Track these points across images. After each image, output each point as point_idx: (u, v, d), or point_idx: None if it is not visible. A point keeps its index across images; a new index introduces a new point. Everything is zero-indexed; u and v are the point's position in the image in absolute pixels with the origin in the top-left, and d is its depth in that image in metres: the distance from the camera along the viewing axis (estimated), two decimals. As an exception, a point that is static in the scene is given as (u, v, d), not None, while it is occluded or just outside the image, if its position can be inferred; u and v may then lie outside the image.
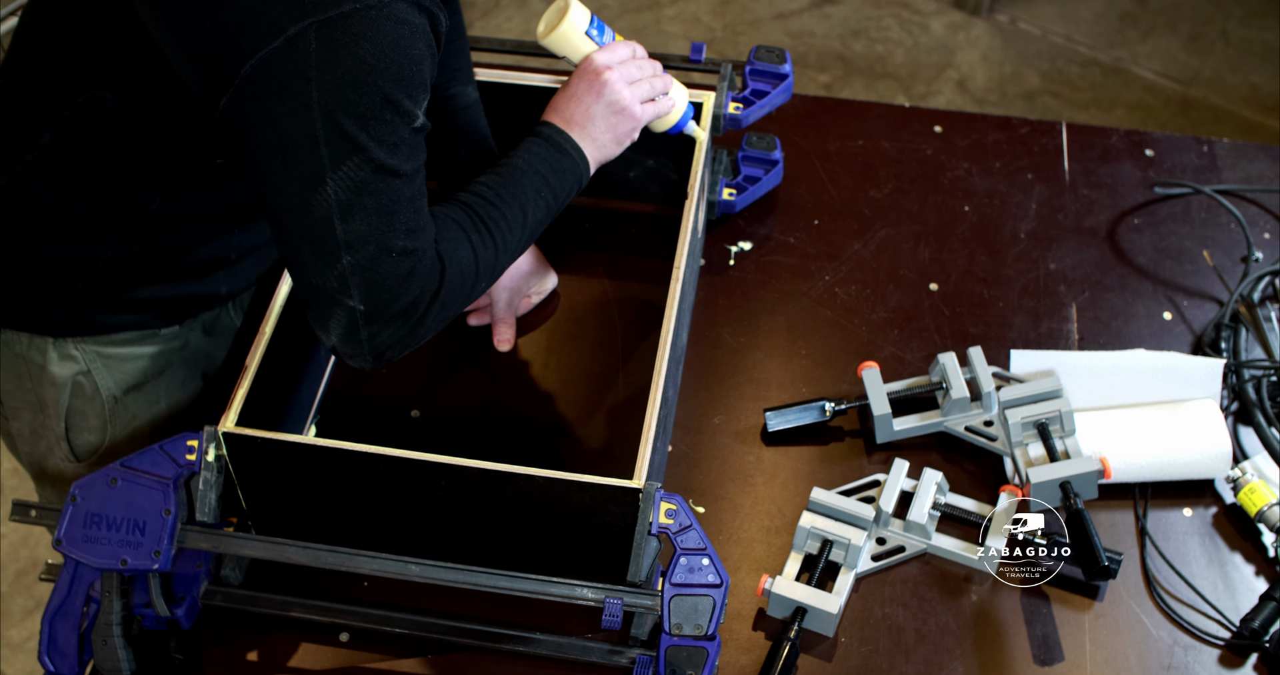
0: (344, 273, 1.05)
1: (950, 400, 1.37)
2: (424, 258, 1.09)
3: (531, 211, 1.22)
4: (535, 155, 1.24)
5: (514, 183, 1.21)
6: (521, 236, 1.21)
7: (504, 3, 3.53)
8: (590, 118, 1.27)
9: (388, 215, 1.05)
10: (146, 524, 1.11)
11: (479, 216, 1.17)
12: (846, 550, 1.26)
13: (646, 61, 1.32)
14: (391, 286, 1.07)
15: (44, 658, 1.14)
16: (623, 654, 1.16)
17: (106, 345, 1.32)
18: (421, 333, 1.13)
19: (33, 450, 1.40)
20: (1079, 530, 1.25)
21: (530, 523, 1.17)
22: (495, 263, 1.19)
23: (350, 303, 1.07)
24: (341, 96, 1.01)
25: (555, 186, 1.24)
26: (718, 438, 1.40)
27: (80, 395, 1.34)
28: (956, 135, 1.75)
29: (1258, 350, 1.49)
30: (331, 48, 1.00)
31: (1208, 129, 3.20)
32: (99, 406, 1.35)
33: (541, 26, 1.31)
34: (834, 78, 3.33)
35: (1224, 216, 1.65)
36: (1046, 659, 1.24)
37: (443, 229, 1.14)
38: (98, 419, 1.36)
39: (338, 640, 1.22)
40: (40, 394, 1.34)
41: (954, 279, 1.57)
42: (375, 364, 1.13)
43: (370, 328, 1.08)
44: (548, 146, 1.25)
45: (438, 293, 1.11)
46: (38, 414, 1.36)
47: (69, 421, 1.36)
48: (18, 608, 2.30)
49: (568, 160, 1.25)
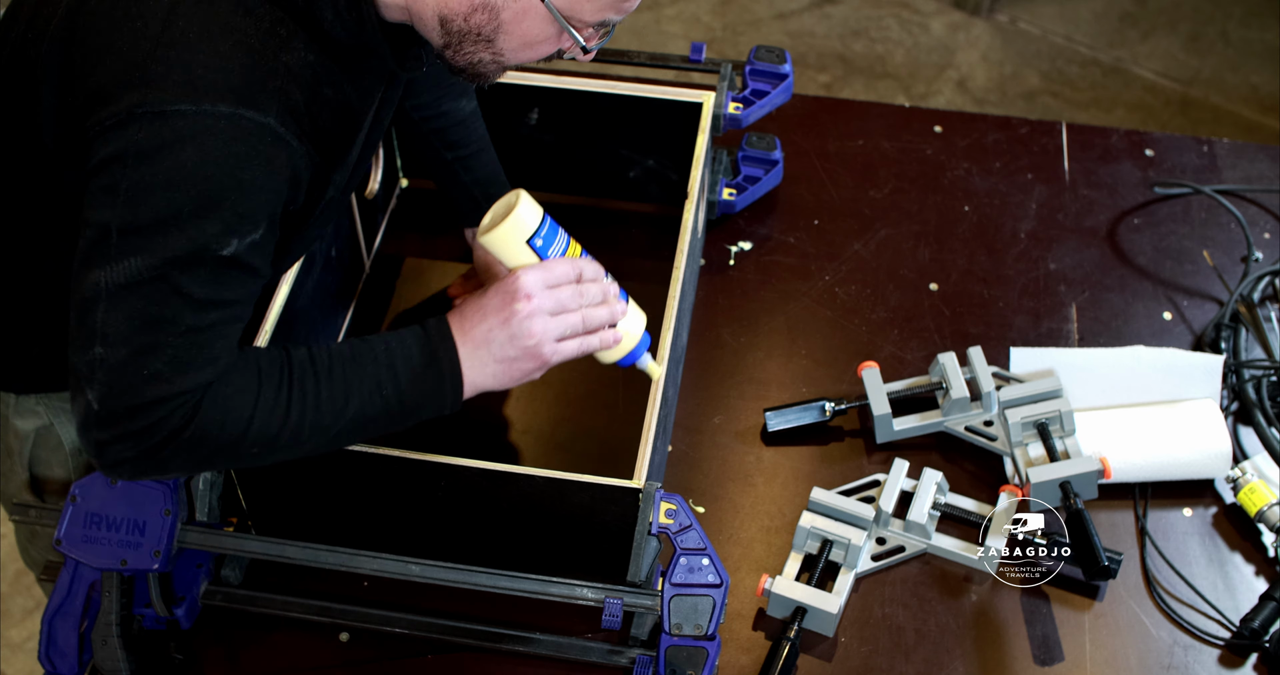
0: (93, 361, 0.96)
1: (950, 400, 1.37)
2: (183, 394, 0.97)
3: (358, 402, 1.04)
4: (400, 346, 1.07)
5: (356, 363, 1.05)
6: (336, 423, 1.03)
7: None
8: (488, 342, 1.08)
9: (154, 332, 0.95)
10: (146, 524, 1.11)
11: (289, 377, 1.02)
12: (846, 550, 1.26)
13: (592, 287, 1.12)
14: (129, 399, 0.96)
15: (44, 658, 1.14)
16: (623, 654, 1.16)
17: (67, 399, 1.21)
18: (161, 466, 1.00)
19: (1, 489, 1.38)
20: (1079, 530, 1.25)
21: (530, 523, 1.17)
22: (279, 434, 1.01)
23: (88, 395, 0.96)
24: (149, 192, 0.94)
25: (403, 388, 1.06)
26: (718, 438, 1.40)
27: (45, 445, 1.31)
28: (956, 135, 1.75)
29: (1258, 350, 1.49)
30: (156, 141, 0.93)
31: (1208, 129, 3.20)
32: (63, 457, 1.33)
33: (485, 219, 1.13)
34: (834, 78, 3.33)
35: (1224, 216, 1.65)
36: (1046, 659, 1.24)
37: (238, 371, 1.00)
38: (62, 469, 1.33)
39: (338, 640, 1.22)
40: (6, 442, 1.32)
41: (954, 279, 1.57)
42: (111, 473, 1.01)
43: (100, 431, 0.97)
44: (420, 344, 1.07)
45: (184, 428, 0.98)
46: (4, 459, 1.34)
47: (34, 469, 1.33)
48: (18, 608, 2.30)
49: (433, 374, 1.07)
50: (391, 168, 1.58)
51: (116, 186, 0.94)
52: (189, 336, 0.96)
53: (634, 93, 1.47)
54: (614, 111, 1.49)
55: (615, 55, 1.65)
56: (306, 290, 1.30)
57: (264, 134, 0.96)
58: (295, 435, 1.02)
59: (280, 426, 1.01)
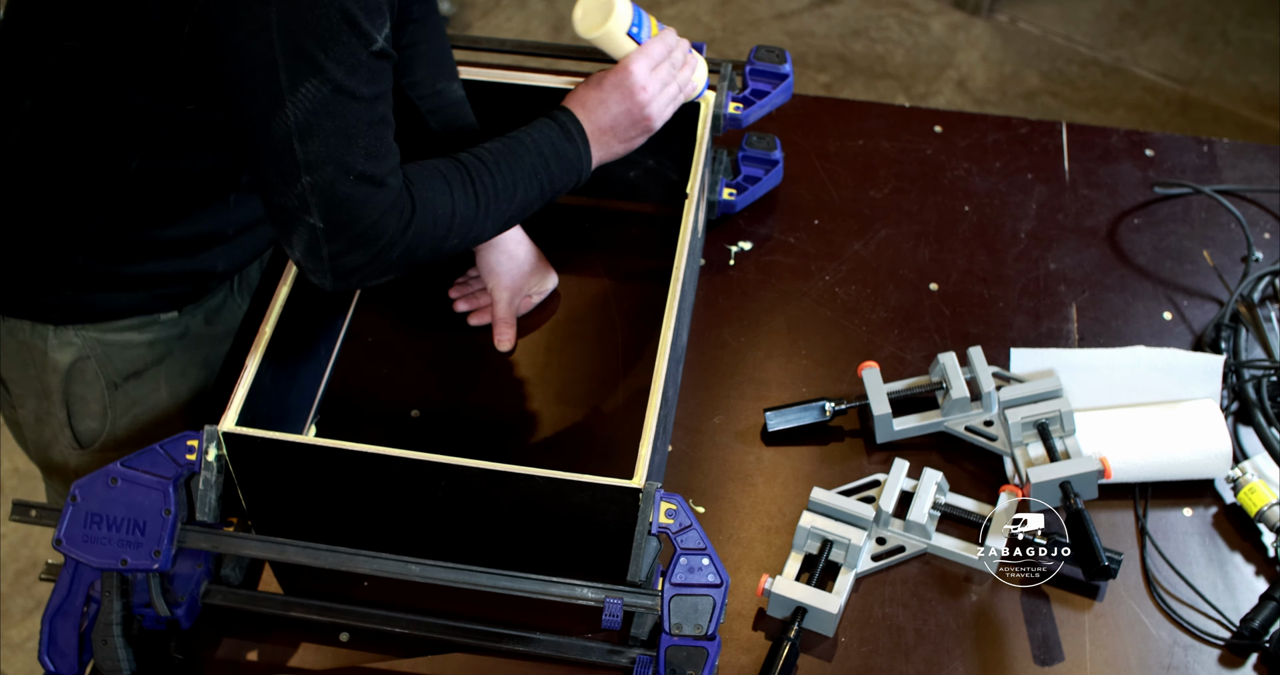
0: (303, 192, 1.08)
1: (950, 400, 1.37)
2: (386, 186, 1.11)
3: (523, 188, 1.23)
4: (544, 137, 1.25)
5: (514, 155, 1.22)
6: (508, 209, 1.22)
7: (504, 3, 3.53)
8: (613, 126, 1.29)
9: (346, 137, 1.07)
10: (146, 524, 1.11)
11: (469, 175, 1.19)
12: (846, 550, 1.26)
13: (680, 52, 1.34)
14: (350, 209, 1.09)
15: (44, 658, 1.14)
16: (623, 654, 1.16)
17: (106, 332, 1.34)
18: (384, 265, 1.14)
19: (38, 438, 1.43)
20: (1079, 530, 1.25)
21: (530, 523, 1.17)
22: (474, 223, 1.19)
23: (310, 220, 1.09)
24: (299, 16, 1.02)
25: (554, 172, 1.25)
26: (718, 438, 1.40)
27: (81, 380, 1.35)
28: (956, 135, 1.75)
29: (1258, 350, 1.49)
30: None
31: (1208, 129, 3.20)
32: (99, 392, 1.37)
33: (580, 15, 1.31)
34: (834, 78, 3.33)
35: (1224, 216, 1.65)
36: (1046, 659, 1.24)
37: (426, 176, 1.16)
38: (98, 405, 1.38)
39: (338, 640, 1.22)
40: (44, 380, 1.36)
41: (954, 279, 1.57)
42: (336, 284, 1.14)
43: (331, 246, 1.11)
44: (560, 133, 1.26)
45: (406, 228, 1.13)
46: (42, 401, 1.38)
47: (70, 408, 1.37)
48: (18, 608, 2.30)
49: (573, 151, 1.26)
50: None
51: (266, 23, 1.02)
52: (370, 131, 1.09)
53: (634, 93, 1.47)
54: (614, 111, 1.49)
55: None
56: (307, 290, 1.30)
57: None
58: (483, 222, 1.20)
59: (473, 217, 1.19)
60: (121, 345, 1.35)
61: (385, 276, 1.17)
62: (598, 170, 1.56)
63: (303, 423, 1.36)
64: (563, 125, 1.26)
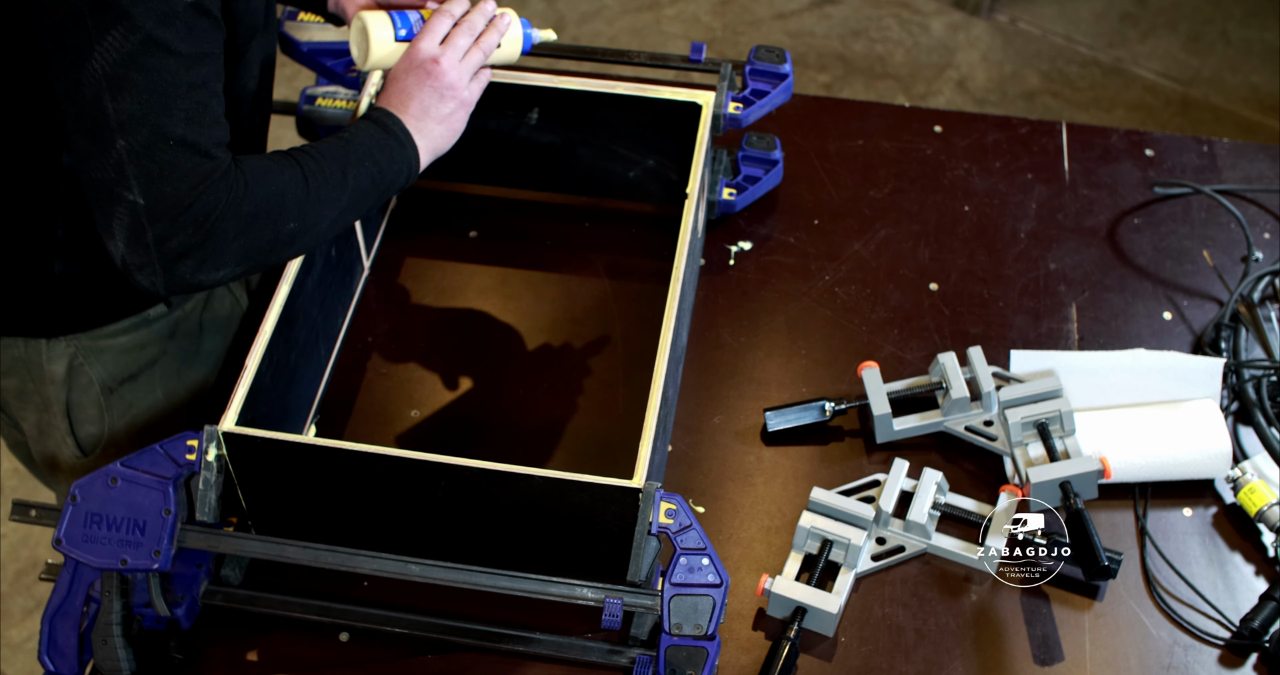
0: (120, 160, 1.01)
1: (950, 400, 1.37)
2: (214, 159, 1.05)
3: (353, 176, 1.18)
4: (364, 132, 1.21)
5: (338, 146, 1.19)
6: (340, 195, 1.17)
7: (503, 2, 3.52)
8: (424, 108, 1.24)
9: (161, 95, 1.01)
10: (146, 524, 1.11)
11: (295, 160, 1.14)
12: (846, 550, 1.26)
13: (478, 17, 1.28)
14: (173, 180, 1.02)
15: (44, 658, 1.14)
16: (623, 654, 1.16)
17: (98, 338, 1.34)
18: (218, 251, 1.07)
19: (42, 449, 1.43)
20: (1079, 530, 1.25)
21: (530, 523, 1.17)
22: (307, 206, 1.13)
23: (130, 196, 1.02)
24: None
25: (380, 161, 1.21)
26: (718, 438, 1.40)
27: (76, 387, 1.36)
28: (956, 135, 1.75)
29: (1258, 350, 1.49)
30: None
31: (1208, 129, 3.20)
32: (95, 397, 1.37)
33: (355, 52, 1.28)
34: (834, 78, 3.33)
35: (1224, 216, 1.65)
36: (1046, 659, 1.24)
37: (254, 159, 1.11)
38: (95, 409, 1.38)
39: (338, 640, 1.22)
40: (43, 393, 1.36)
41: (954, 279, 1.57)
42: (169, 279, 1.07)
43: (155, 228, 1.03)
44: (376, 127, 1.22)
45: (238, 204, 1.06)
46: (43, 413, 1.38)
47: (71, 416, 1.38)
48: (18, 608, 2.30)
49: (395, 143, 1.22)
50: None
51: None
52: (191, 94, 1.03)
53: (634, 93, 1.47)
54: (614, 111, 1.49)
55: (615, 55, 1.65)
56: (306, 290, 1.31)
57: None
58: (318, 207, 1.15)
59: (305, 198, 1.13)
60: (114, 350, 1.35)
61: (224, 268, 1.09)
62: (598, 170, 1.57)
63: (303, 423, 1.36)
64: (376, 121, 1.22)
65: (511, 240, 1.58)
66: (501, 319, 1.50)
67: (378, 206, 1.23)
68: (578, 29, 3.44)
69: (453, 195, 1.63)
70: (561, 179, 1.59)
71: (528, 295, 1.53)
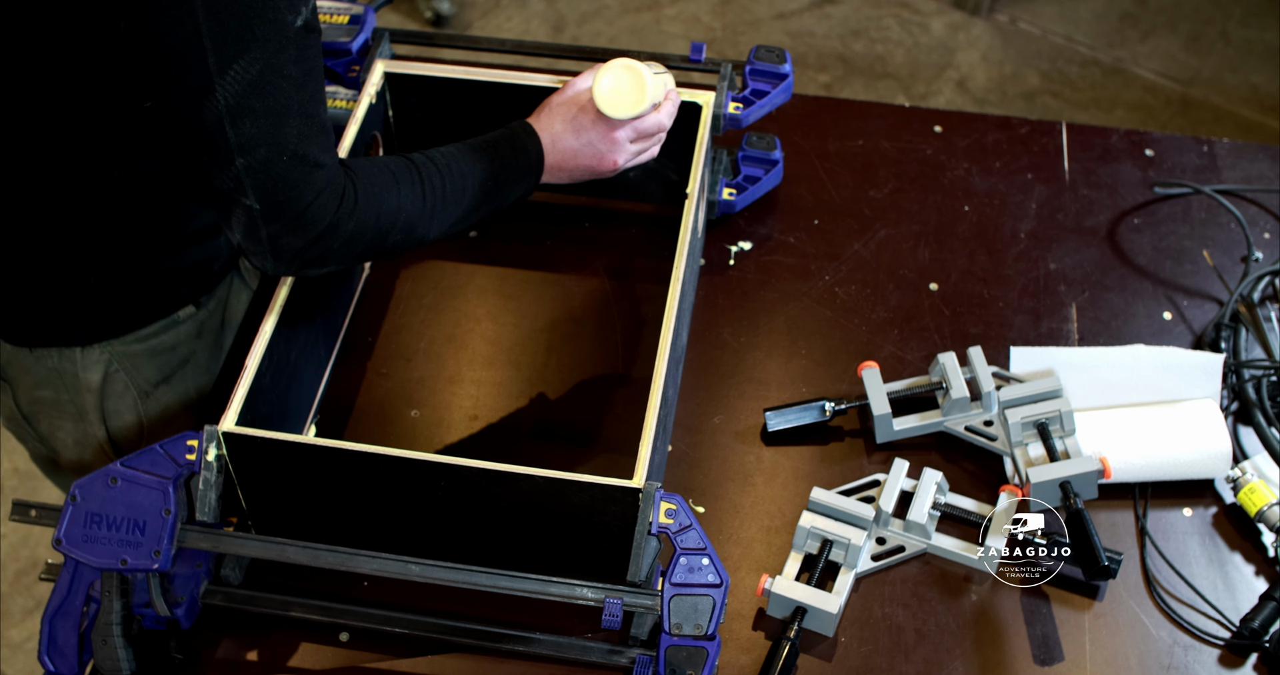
0: (238, 174, 1.07)
1: (950, 400, 1.37)
2: (323, 166, 1.10)
3: (472, 195, 1.24)
4: (503, 152, 1.27)
5: (468, 162, 1.24)
6: (456, 213, 1.23)
7: (504, 3, 3.53)
8: (572, 168, 1.33)
9: (277, 117, 1.06)
10: (146, 524, 1.11)
11: (419, 174, 1.20)
12: (846, 550, 1.26)
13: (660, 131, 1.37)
14: (285, 189, 1.08)
15: (44, 658, 1.14)
16: (623, 654, 1.16)
17: (131, 343, 1.35)
18: (324, 252, 1.13)
19: (80, 458, 1.44)
20: (1079, 530, 1.25)
21: (530, 523, 1.17)
22: (418, 222, 1.19)
23: (246, 202, 1.08)
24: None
25: (504, 185, 1.27)
26: (718, 438, 1.40)
27: (112, 394, 1.37)
28: (956, 135, 1.75)
29: (1258, 350, 1.49)
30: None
31: (1208, 129, 3.20)
32: (131, 402, 1.38)
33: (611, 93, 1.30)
34: (834, 78, 3.33)
35: (1224, 216, 1.65)
36: (1046, 659, 1.24)
37: (373, 171, 1.17)
38: (132, 415, 1.39)
39: (338, 640, 1.22)
40: (79, 403, 1.37)
41: (954, 279, 1.57)
42: (278, 267, 1.14)
43: (269, 227, 1.10)
44: (519, 154, 1.28)
45: (348, 216, 1.12)
46: (79, 423, 1.39)
47: (108, 423, 1.39)
48: (18, 608, 2.30)
49: (525, 170, 1.29)
50: (391, 168, 1.58)
51: (191, 7, 1.01)
52: (302, 110, 1.08)
53: (634, 93, 1.47)
54: (614, 111, 1.49)
55: (615, 55, 1.65)
56: (306, 290, 1.31)
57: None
58: (428, 223, 1.21)
59: (419, 216, 1.19)
60: (147, 353, 1.36)
61: (328, 265, 1.16)
62: (598, 170, 1.57)
63: (303, 423, 1.36)
64: (524, 149, 1.28)
65: (511, 240, 1.58)
66: (501, 319, 1.50)
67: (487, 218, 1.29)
68: (578, 29, 3.44)
69: (453, 195, 1.63)
70: (561, 179, 1.59)
71: (528, 295, 1.53)
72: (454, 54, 1.64)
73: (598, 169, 1.34)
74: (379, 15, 1.57)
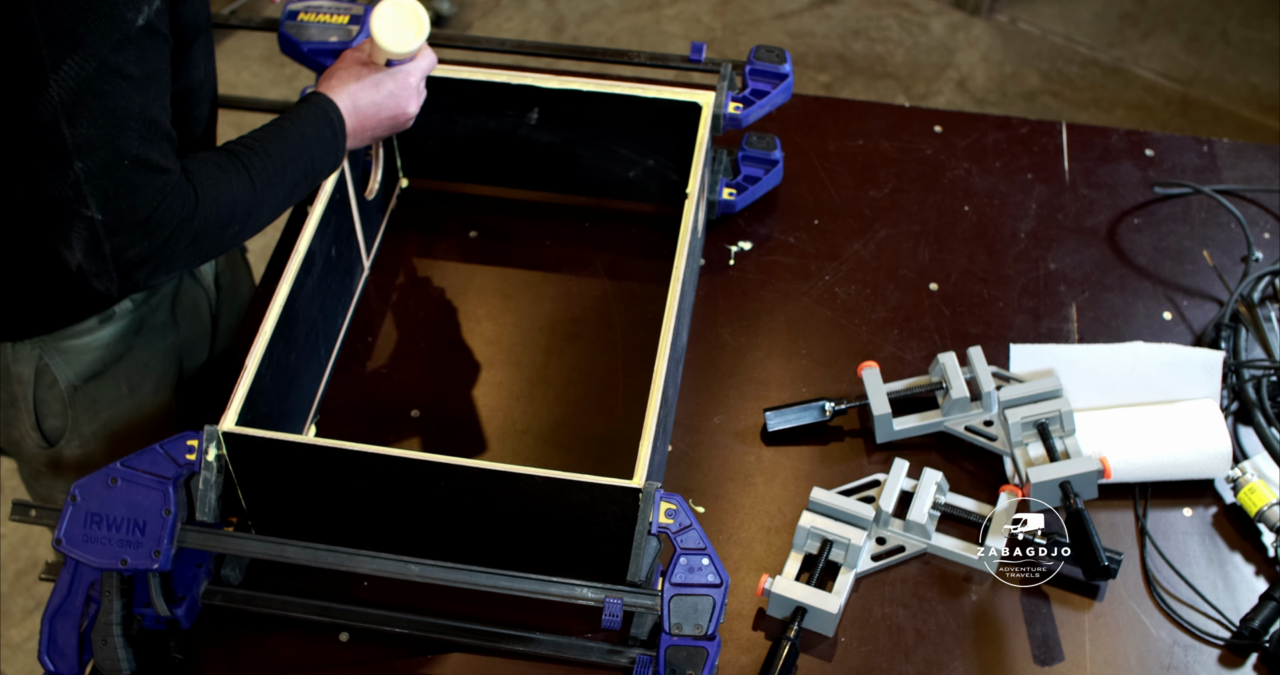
0: (77, 180, 1.04)
1: (950, 400, 1.37)
2: (166, 172, 1.08)
3: (291, 171, 1.21)
4: (306, 122, 1.24)
5: (281, 140, 1.21)
6: (280, 192, 1.21)
7: (504, 3, 3.53)
8: (375, 126, 1.30)
9: (116, 119, 1.04)
10: (146, 524, 1.11)
11: (242, 163, 1.17)
12: (846, 550, 1.26)
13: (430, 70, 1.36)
14: (128, 195, 1.05)
15: (44, 657, 1.14)
16: (623, 654, 1.16)
17: (63, 339, 1.34)
18: (170, 257, 1.11)
19: (9, 437, 1.46)
20: (1079, 530, 1.25)
21: (530, 523, 1.17)
22: (253, 210, 1.17)
23: (87, 213, 1.05)
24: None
25: (315, 154, 1.24)
26: (718, 438, 1.40)
27: (42, 385, 1.37)
28: (956, 135, 1.75)
29: (1258, 350, 1.49)
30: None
31: (1208, 129, 3.20)
32: (59, 395, 1.38)
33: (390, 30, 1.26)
34: (834, 78, 3.33)
35: (1224, 216, 1.65)
36: (1046, 659, 1.24)
37: (204, 167, 1.13)
38: (59, 406, 1.39)
39: (338, 640, 1.22)
40: (9, 391, 1.38)
41: (954, 279, 1.57)
42: (123, 285, 1.11)
43: (112, 240, 1.07)
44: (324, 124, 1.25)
45: (190, 218, 1.10)
46: (9, 408, 1.40)
47: (37, 411, 1.39)
48: (18, 608, 2.30)
49: (331, 134, 1.25)
50: (391, 168, 1.58)
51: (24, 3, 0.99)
52: (144, 113, 1.06)
53: (634, 93, 1.47)
54: (614, 111, 1.49)
55: (615, 55, 1.65)
56: (306, 290, 1.31)
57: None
58: (260, 209, 1.18)
59: (252, 203, 1.16)
60: (79, 350, 1.36)
61: (173, 271, 1.13)
62: (598, 170, 1.57)
63: (303, 423, 1.36)
64: (327, 118, 1.25)
65: (511, 240, 1.58)
66: (501, 319, 1.50)
67: (307, 192, 1.27)
68: (578, 29, 3.44)
69: (453, 195, 1.63)
70: (561, 179, 1.59)
71: (528, 295, 1.53)
72: (454, 54, 1.64)
73: (399, 120, 1.31)
74: (379, 15, 1.56)
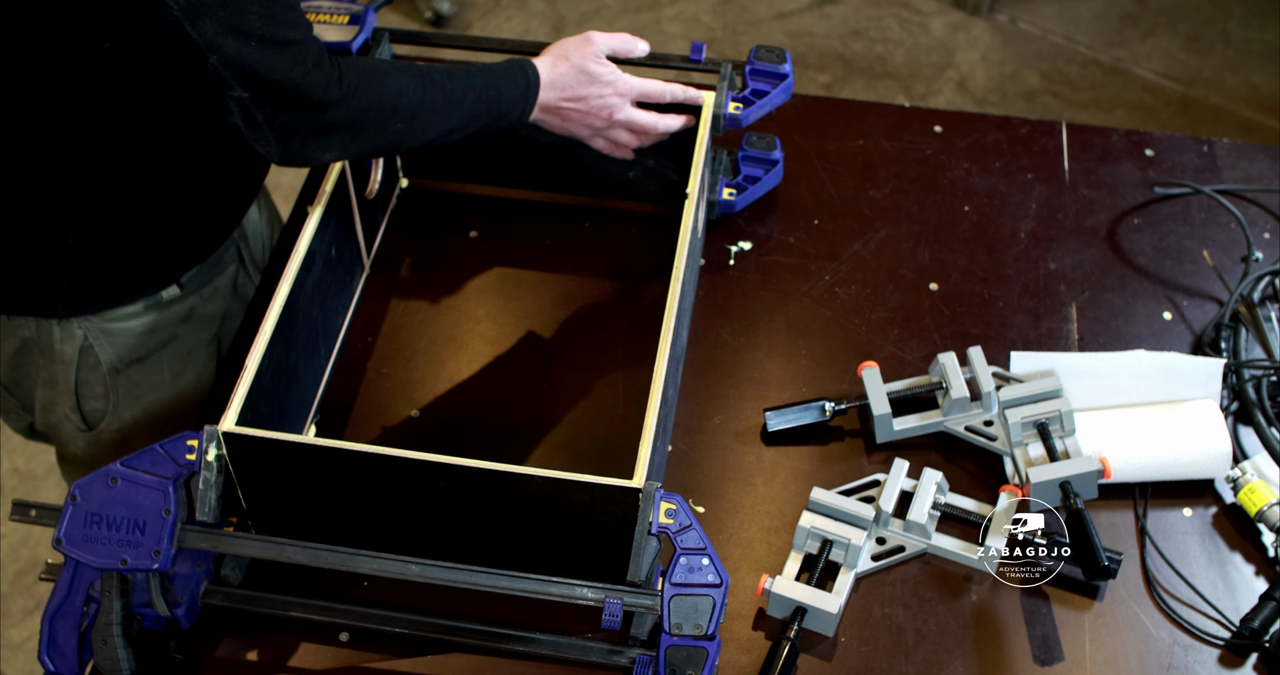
0: (216, 71, 1.10)
1: (950, 400, 1.37)
2: (295, 43, 1.12)
3: (471, 100, 1.28)
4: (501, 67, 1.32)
5: (469, 71, 1.29)
6: (454, 112, 1.26)
7: (504, 3, 3.53)
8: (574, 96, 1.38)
9: (234, 8, 1.07)
10: (146, 524, 1.11)
11: (420, 71, 1.24)
12: (846, 550, 1.26)
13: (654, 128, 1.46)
14: (266, 70, 1.11)
15: (44, 658, 1.14)
16: (623, 654, 1.16)
17: (110, 320, 1.35)
18: (325, 134, 1.17)
19: (47, 421, 1.47)
20: (1079, 530, 1.25)
21: (530, 523, 1.17)
22: (418, 113, 1.23)
23: (234, 93, 1.12)
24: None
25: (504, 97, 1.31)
26: (718, 438, 1.40)
27: (84, 366, 1.38)
28: (956, 135, 1.75)
29: (1258, 350, 1.49)
30: None
31: (1208, 129, 3.20)
32: (101, 377, 1.39)
33: None
34: (834, 78, 3.33)
35: (1224, 216, 1.65)
36: (1046, 659, 1.24)
37: (364, 61, 1.21)
38: (100, 388, 1.40)
39: (338, 640, 1.22)
40: (51, 371, 1.39)
41: (954, 279, 1.57)
42: (283, 151, 1.17)
43: (263, 110, 1.14)
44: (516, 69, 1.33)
45: (343, 96, 1.16)
46: (49, 390, 1.41)
47: (77, 392, 1.40)
48: (18, 608, 2.30)
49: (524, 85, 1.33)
50: (391, 168, 1.58)
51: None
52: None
53: (634, 93, 1.47)
54: (614, 111, 1.49)
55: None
56: (306, 290, 1.31)
57: None
58: (429, 116, 1.24)
59: (420, 103, 1.23)
60: (125, 332, 1.37)
61: (333, 147, 1.19)
62: (598, 170, 1.57)
63: (303, 423, 1.36)
64: (523, 69, 1.33)
65: (511, 240, 1.58)
66: (501, 319, 1.50)
67: (483, 136, 1.32)
68: (577, 29, 3.44)
69: (453, 195, 1.63)
70: (561, 179, 1.59)
71: (528, 295, 1.53)
72: (454, 54, 1.64)
73: (598, 128, 1.40)
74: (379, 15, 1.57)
